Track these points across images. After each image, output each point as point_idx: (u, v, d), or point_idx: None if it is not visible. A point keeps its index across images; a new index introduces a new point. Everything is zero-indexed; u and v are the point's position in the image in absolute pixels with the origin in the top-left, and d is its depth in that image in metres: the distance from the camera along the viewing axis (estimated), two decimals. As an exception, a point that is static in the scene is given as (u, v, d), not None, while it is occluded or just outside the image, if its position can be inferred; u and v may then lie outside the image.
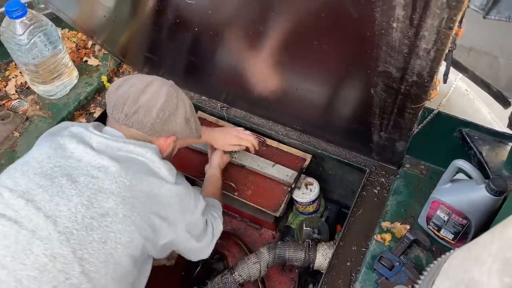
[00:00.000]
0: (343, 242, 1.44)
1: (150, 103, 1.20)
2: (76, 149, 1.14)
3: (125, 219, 1.06)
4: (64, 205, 1.03)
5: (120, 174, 1.10)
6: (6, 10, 1.60)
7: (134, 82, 1.24)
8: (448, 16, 0.68)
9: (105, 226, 1.04)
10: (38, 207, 1.03)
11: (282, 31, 1.10)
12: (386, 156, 1.56)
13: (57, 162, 1.12)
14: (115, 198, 1.06)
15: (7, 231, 1.00)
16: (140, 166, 1.14)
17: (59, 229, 1.01)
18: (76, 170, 1.10)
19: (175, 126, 1.27)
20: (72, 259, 0.99)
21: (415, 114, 1.07)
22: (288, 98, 1.51)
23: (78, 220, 1.03)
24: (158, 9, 1.31)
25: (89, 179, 1.08)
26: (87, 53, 2.05)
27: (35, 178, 1.08)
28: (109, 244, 1.03)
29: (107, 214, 1.05)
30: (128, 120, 1.20)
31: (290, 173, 1.79)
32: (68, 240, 1.00)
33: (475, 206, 1.20)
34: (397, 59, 0.87)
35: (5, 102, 1.84)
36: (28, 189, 1.06)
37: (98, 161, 1.11)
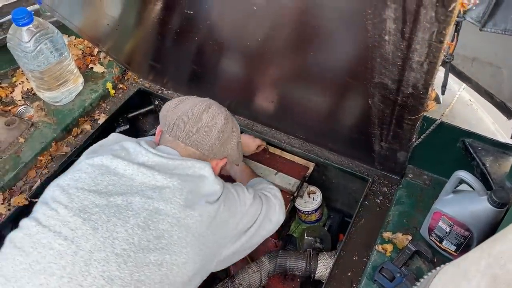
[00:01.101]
0: (344, 252, 1.43)
1: (211, 124, 1.24)
2: (128, 167, 1.13)
3: (180, 240, 1.06)
4: (121, 226, 1.02)
5: (175, 194, 1.09)
6: (13, 18, 1.63)
7: (195, 102, 1.28)
8: (438, 30, 0.68)
9: (161, 248, 1.03)
10: (95, 227, 1.01)
11: (278, 42, 1.10)
12: (388, 165, 1.55)
13: (110, 180, 1.11)
14: (170, 220, 1.06)
15: (64, 251, 0.99)
16: (196, 184, 1.14)
17: (116, 251, 0.99)
18: (130, 189, 1.09)
19: (229, 149, 1.31)
20: (129, 281, 0.98)
21: (413, 125, 1.07)
22: (290, 107, 1.51)
23: (135, 243, 1.01)
24: (159, 19, 1.33)
25: (144, 200, 1.07)
26: (93, 60, 2.07)
27: (90, 196, 1.07)
28: (164, 266, 1.02)
29: (162, 236, 1.04)
30: (188, 139, 1.22)
31: (293, 181, 1.79)
32: (125, 262, 0.99)
33: (477, 218, 1.19)
34: (392, 71, 0.87)
35: (11, 108, 1.87)
36: (84, 207, 1.05)
37: (152, 182, 1.11)
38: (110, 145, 1.26)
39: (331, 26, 0.90)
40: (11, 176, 1.62)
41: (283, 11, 0.94)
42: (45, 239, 1.00)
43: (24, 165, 1.66)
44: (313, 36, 0.97)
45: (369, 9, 0.73)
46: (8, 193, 1.61)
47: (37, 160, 1.70)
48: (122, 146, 1.21)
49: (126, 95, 2.01)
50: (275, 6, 0.95)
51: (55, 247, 0.99)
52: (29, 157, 1.68)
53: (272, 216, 1.39)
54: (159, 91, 2.03)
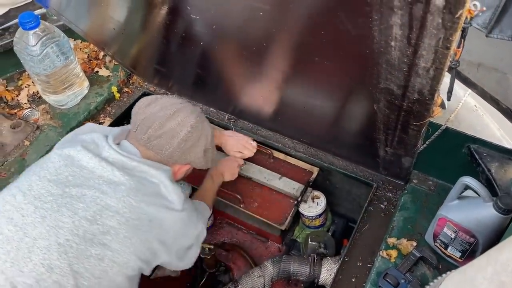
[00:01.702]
0: (348, 258, 1.43)
1: (175, 131, 1.22)
2: (91, 160, 1.15)
3: (125, 240, 1.07)
4: (69, 217, 1.05)
5: (129, 194, 1.10)
6: (20, 22, 1.64)
7: (165, 105, 1.25)
8: (444, 36, 0.68)
9: (104, 244, 1.05)
10: (44, 216, 1.04)
11: (284, 47, 1.11)
12: (393, 171, 1.54)
13: (72, 171, 1.13)
14: (119, 218, 1.07)
15: (12, 237, 1.02)
16: (151, 189, 1.15)
17: (59, 241, 1.02)
18: (88, 182, 1.11)
19: (193, 157, 1.29)
20: (67, 272, 1.00)
21: (418, 131, 1.06)
22: (294, 112, 1.51)
23: (80, 234, 1.04)
24: (165, 23, 1.33)
25: (98, 194, 1.09)
26: (99, 64, 2.09)
27: (49, 185, 1.09)
28: (105, 261, 1.04)
29: (108, 232, 1.06)
30: (149, 143, 1.21)
31: (297, 186, 1.78)
32: (66, 252, 1.01)
33: (482, 224, 1.18)
34: (397, 76, 0.87)
35: (17, 111, 1.88)
36: (40, 195, 1.07)
37: (110, 176, 1.12)
38: (82, 134, 1.27)
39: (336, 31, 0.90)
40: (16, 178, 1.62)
41: (289, 16, 0.94)
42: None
43: (29, 168, 1.67)
44: (318, 41, 0.97)
45: (375, 15, 0.73)
46: (13, 196, 1.61)
47: (42, 163, 1.71)
48: (92, 139, 1.23)
49: (131, 98, 2.02)
50: (280, 12, 0.95)
51: (4, 232, 1.02)
52: (34, 160, 1.67)
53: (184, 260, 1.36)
54: (164, 95, 2.03)
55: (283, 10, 0.93)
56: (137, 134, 1.23)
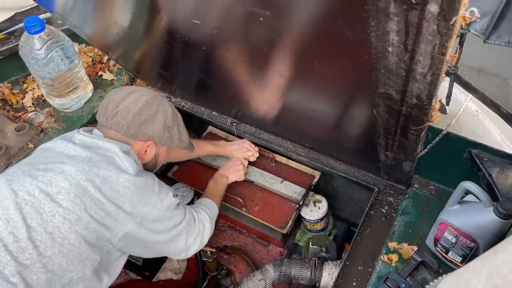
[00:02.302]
0: (349, 262, 1.43)
1: (129, 108, 1.32)
2: (61, 145, 1.29)
3: (76, 198, 1.16)
4: (29, 182, 1.18)
5: (83, 160, 1.23)
6: (25, 26, 1.66)
7: (122, 90, 1.38)
8: (440, 42, 0.68)
9: (56, 202, 1.15)
10: (10, 183, 1.19)
11: (284, 52, 1.12)
12: (394, 175, 1.55)
13: (44, 156, 1.29)
14: (71, 180, 1.18)
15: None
16: (105, 158, 1.25)
17: (17, 200, 1.15)
18: (53, 159, 1.25)
19: (152, 131, 1.36)
20: (21, 225, 1.11)
21: (418, 136, 1.07)
22: (296, 116, 1.52)
23: (36, 195, 1.16)
24: (168, 28, 1.35)
25: (56, 165, 1.22)
26: (103, 68, 2.10)
27: (22, 165, 1.27)
28: (57, 217, 1.14)
29: (60, 192, 1.16)
30: (107, 122, 1.33)
31: (299, 190, 1.79)
32: (22, 209, 1.14)
33: (483, 229, 1.18)
34: (396, 81, 0.88)
35: (22, 114, 1.90)
36: (13, 173, 1.24)
37: (72, 152, 1.26)
38: None
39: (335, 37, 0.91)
40: (20, 181, 1.64)
41: (289, 22, 0.95)
42: None
43: (33, 171, 1.68)
44: (317, 46, 0.98)
45: (372, 21, 0.73)
46: (17, 198, 1.63)
47: (46, 165, 1.72)
48: (67, 133, 1.39)
49: (134, 102, 2.03)
50: (280, 18, 0.96)
51: None
52: (38, 163, 1.70)
53: (180, 239, 1.37)
54: (167, 98, 2.05)
55: (283, 16, 0.94)
56: (98, 117, 1.37)
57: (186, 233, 1.38)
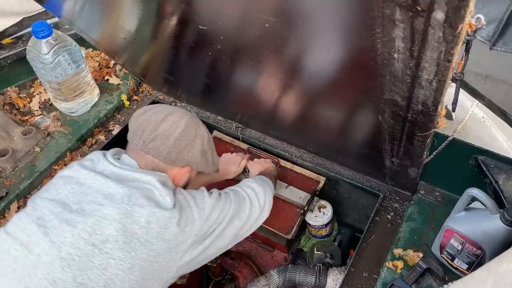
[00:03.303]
0: (354, 268, 1.42)
1: (169, 131, 1.23)
2: (88, 176, 1.18)
3: (125, 245, 1.08)
4: (69, 232, 1.07)
5: (123, 200, 1.12)
6: (33, 30, 1.68)
7: (157, 111, 1.28)
8: (446, 49, 0.68)
9: (105, 252, 1.06)
10: (47, 233, 1.07)
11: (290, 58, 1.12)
12: (400, 181, 1.54)
13: (71, 189, 1.16)
14: (116, 225, 1.08)
15: (18, 255, 1.05)
16: (144, 193, 1.16)
17: (61, 255, 1.04)
18: (86, 197, 1.14)
19: (191, 157, 1.29)
20: (71, 284, 1.02)
21: (424, 142, 1.06)
22: (301, 121, 1.52)
23: (80, 247, 1.05)
24: (175, 34, 1.36)
25: (95, 207, 1.11)
26: (109, 72, 2.12)
27: (50, 204, 1.12)
28: (109, 270, 1.05)
29: (107, 240, 1.07)
30: (145, 146, 1.23)
31: (303, 195, 1.78)
32: (69, 266, 1.03)
33: (489, 236, 1.18)
34: (401, 88, 0.87)
35: (29, 117, 1.91)
36: (42, 214, 1.11)
37: (106, 188, 1.15)
38: None
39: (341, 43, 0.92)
40: (27, 184, 1.65)
41: (295, 28, 0.95)
42: (6, 245, 1.08)
43: (39, 174, 1.69)
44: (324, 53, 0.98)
45: (378, 28, 0.73)
46: (22, 201, 1.64)
47: (52, 169, 1.74)
48: (90, 157, 1.27)
49: (140, 106, 2.04)
50: (287, 24, 0.96)
51: (11, 252, 1.06)
52: (44, 166, 1.72)
53: (242, 213, 1.35)
54: (173, 103, 2.06)
55: (289, 22, 0.95)
56: (133, 140, 1.25)
57: (239, 209, 1.34)
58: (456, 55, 0.68)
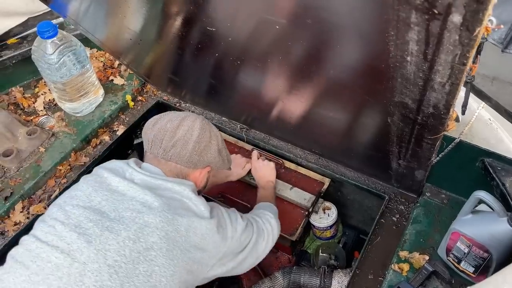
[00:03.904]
0: (359, 270, 1.42)
1: (186, 136, 1.27)
2: (120, 183, 1.20)
3: (168, 253, 1.10)
4: (113, 239, 1.08)
5: (163, 208, 1.14)
6: (38, 31, 1.67)
7: (170, 118, 1.31)
8: (461, 53, 0.68)
9: (150, 260, 1.08)
10: (89, 241, 1.07)
11: (299, 60, 1.12)
12: (405, 183, 1.54)
13: (103, 195, 1.17)
14: (159, 233, 1.11)
15: (61, 263, 1.04)
16: (180, 203, 1.20)
17: (108, 262, 1.05)
18: (122, 204, 1.15)
19: (210, 157, 1.33)
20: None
21: (433, 145, 1.06)
22: (307, 122, 1.52)
23: (126, 254, 1.06)
24: (181, 34, 1.35)
25: (135, 214, 1.13)
26: (114, 73, 2.11)
27: (85, 212, 1.13)
28: (154, 277, 1.07)
29: (151, 248, 1.09)
30: (166, 154, 1.26)
31: (308, 196, 1.78)
32: (117, 273, 1.04)
33: (496, 239, 1.17)
34: (413, 91, 0.87)
35: (33, 118, 1.91)
36: (79, 222, 1.11)
37: (141, 196, 1.16)
38: (104, 165, 1.32)
39: (353, 45, 0.91)
40: (31, 184, 1.65)
41: (305, 30, 0.95)
42: (44, 253, 1.07)
43: (44, 174, 1.69)
44: (334, 54, 0.98)
45: (392, 30, 0.73)
46: (27, 202, 1.64)
47: (56, 169, 1.73)
48: (115, 165, 1.29)
49: (144, 107, 2.04)
50: (296, 26, 0.96)
51: (52, 260, 1.05)
52: (49, 167, 1.71)
53: (259, 247, 1.40)
54: (177, 103, 2.05)
55: (299, 25, 0.94)
56: (153, 150, 1.28)
57: (257, 241, 1.38)
58: (471, 58, 0.67)
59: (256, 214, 1.50)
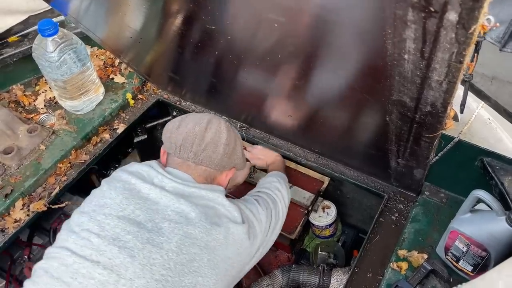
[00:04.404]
0: (358, 269, 1.42)
1: (215, 139, 1.26)
2: (151, 191, 1.17)
3: (209, 263, 1.11)
4: (156, 252, 1.06)
5: (201, 218, 1.14)
6: (39, 29, 1.67)
7: (196, 121, 1.29)
8: (457, 51, 0.68)
9: (194, 271, 1.08)
10: (132, 255, 1.05)
11: (298, 58, 1.12)
12: (404, 182, 1.54)
13: (136, 204, 1.14)
14: (199, 244, 1.11)
15: (106, 280, 1.02)
16: (215, 211, 1.19)
17: (156, 277, 1.03)
18: (157, 214, 1.13)
19: (237, 159, 1.34)
20: None
21: (431, 143, 1.06)
22: (306, 121, 1.52)
23: (171, 267, 1.06)
24: (181, 33, 1.36)
25: (173, 225, 1.11)
26: (114, 71, 2.12)
27: (120, 223, 1.10)
28: (198, 287, 1.08)
29: (194, 259, 1.09)
30: (197, 158, 1.25)
31: (307, 195, 1.78)
32: (164, 287, 1.03)
33: (494, 238, 1.18)
34: (410, 89, 0.88)
35: (34, 115, 1.91)
36: (116, 235, 1.08)
37: (176, 205, 1.15)
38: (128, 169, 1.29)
39: (350, 43, 0.92)
40: (32, 182, 1.66)
41: (304, 29, 0.96)
42: (84, 269, 1.03)
43: (44, 172, 1.70)
44: (332, 53, 0.99)
45: (389, 28, 0.74)
46: (27, 199, 1.64)
47: (57, 167, 1.74)
48: (137, 168, 1.25)
49: (145, 105, 2.05)
50: (295, 24, 0.96)
51: (95, 277, 1.02)
52: (49, 164, 1.72)
53: (279, 218, 1.43)
54: (177, 102, 2.06)
55: (298, 23, 0.95)
56: (182, 155, 1.25)
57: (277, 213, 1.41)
58: (468, 56, 0.68)
59: (264, 186, 1.50)
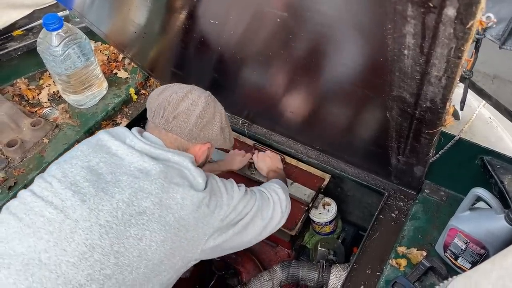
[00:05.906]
0: (357, 265, 1.43)
1: (190, 110, 1.27)
2: (120, 147, 1.21)
3: (160, 219, 1.11)
4: (107, 200, 1.10)
5: (160, 176, 1.15)
6: (43, 23, 1.69)
7: (175, 89, 1.31)
8: (456, 46, 0.69)
9: (142, 224, 1.09)
10: (84, 200, 1.09)
11: (299, 54, 1.13)
12: (405, 180, 1.54)
13: (102, 157, 1.19)
14: (153, 199, 1.12)
15: (53, 219, 1.07)
16: (178, 172, 1.20)
17: (100, 222, 1.07)
18: (119, 168, 1.17)
19: (211, 134, 1.33)
20: (109, 251, 1.05)
21: (430, 139, 1.07)
22: (308, 118, 1.53)
23: (118, 216, 1.08)
24: (185, 28, 1.37)
25: (131, 179, 1.14)
26: (118, 66, 2.13)
27: (82, 171, 1.15)
28: (144, 241, 1.09)
29: (144, 212, 1.10)
30: (167, 125, 1.26)
31: (308, 192, 1.79)
32: (107, 233, 1.06)
33: (493, 236, 1.18)
34: (410, 84, 0.88)
35: (37, 109, 1.93)
36: (75, 181, 1.13)
37: (140, 162, 1.18)
38: None
39: (351, 39, 0.92)
40: (35, 175, 1.67)
41: (305, 24, 0.96)
42: (38, 207, 1.09)
43: (47, 165, 1.71)
44: (333, 49, 0.99)
45: (389, 24, 0.74)
46: (30, 192, 1.65)
47: (60, 160, 1.75)
48: (117, 130, 1.30)
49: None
50: (297, 20, 0.97)
51: (45, 215, 1.07)
52: (52, 157, 1.73)
53: (265, 213, 1.39)
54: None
55: (300, 18, 0.95)
56: (154, 120, 1.28)
57: (261, 208, 1.37)
58: (466, 52, 0.68)
59: (262, 186, 1.51)
